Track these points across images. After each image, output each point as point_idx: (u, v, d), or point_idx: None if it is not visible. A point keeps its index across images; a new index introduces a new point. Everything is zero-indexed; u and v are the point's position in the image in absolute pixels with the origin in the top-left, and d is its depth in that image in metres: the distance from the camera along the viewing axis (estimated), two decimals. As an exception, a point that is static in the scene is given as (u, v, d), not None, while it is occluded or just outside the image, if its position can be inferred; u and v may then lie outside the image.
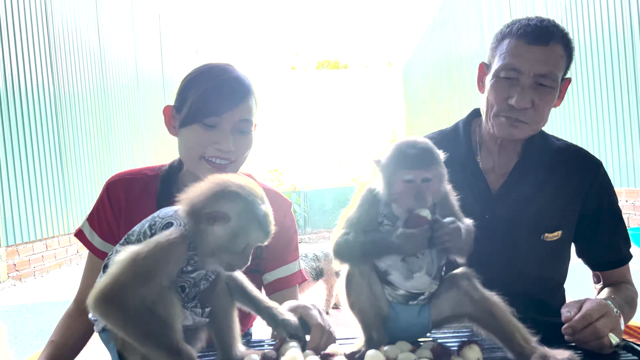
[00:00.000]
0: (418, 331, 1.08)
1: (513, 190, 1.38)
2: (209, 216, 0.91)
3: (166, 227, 0.93)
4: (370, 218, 1.03)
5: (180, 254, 0.91)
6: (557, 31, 1.29)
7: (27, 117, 6.50)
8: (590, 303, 1.10)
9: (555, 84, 1.29)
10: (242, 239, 0.93)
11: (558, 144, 1.45)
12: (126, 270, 0.87)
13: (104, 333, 0.98)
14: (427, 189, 0.98)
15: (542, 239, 1.37)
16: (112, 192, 1.37)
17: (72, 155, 7.59)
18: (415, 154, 0.98)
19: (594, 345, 1.06)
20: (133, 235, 0.97)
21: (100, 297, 0.86)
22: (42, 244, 6.72)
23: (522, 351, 0.97)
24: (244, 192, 0.94)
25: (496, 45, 1.34)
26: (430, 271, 1.02)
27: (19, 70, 6.38)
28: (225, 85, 1.26)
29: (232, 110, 1.24)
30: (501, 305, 1.02)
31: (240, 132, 1.28)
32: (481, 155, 1.44)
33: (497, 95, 1.30)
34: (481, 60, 1.44)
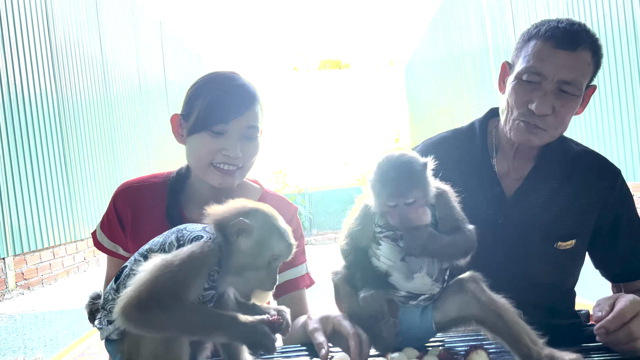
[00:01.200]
0: (422, 334, 1.07)
1: (528, 196, 1.34)
2: (235, 228, 0.94)
3: (195, 240, 0.94)
4: (366, 230, 1.06)
5: (211, 265, 0.93)
6: (587, 37, 1.23)
7: (31, 126, 6.53)
8: (624, 301, 1.04)
9: (578, 92, 1.24)
10: (266, 251, 0.95)
11: (576, 149, 1.39)
12: (160, 276, 0.87)
13: (109, 344, 0.98)
14: (412, 210, 1.00)
15: (555, 247, 1.32)
16: (119, 202, 1.41)
17: (76, 163, 7.62)
18: (396, 179, 1.00)
19: (627, 347, 1.00)
20: (156, 246, 0.98)
21: (136, 306, 0.85)
22: (49, 252, 6.75)
23: (530, 353, 0.96)
24: (263, 208, 1.00)
25: (521, 46, 1.29)
26: (431, 272, 1.03)
27: (22, 80, 6.42)
28: (232, 93, 1.28)
29: (239, 118, 1.27)
30: (508, 308, 1.01)
31: (248, 139, 1.30)
32: (497, 158, 1.39)
33: (518, 98, 1.26)
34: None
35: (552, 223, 1.32)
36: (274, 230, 0.97)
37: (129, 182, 1.45)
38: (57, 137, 7.14)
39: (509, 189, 1.36)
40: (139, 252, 0.99)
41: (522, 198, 1.34)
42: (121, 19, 9.89)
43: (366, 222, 1.06)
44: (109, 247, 1.44)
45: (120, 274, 0.99)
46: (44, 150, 6.80)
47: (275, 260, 0.97)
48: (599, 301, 1.09)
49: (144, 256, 0.96)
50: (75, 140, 7.66)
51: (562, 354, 0.94)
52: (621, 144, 5.90)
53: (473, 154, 1.40)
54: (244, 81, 1.33)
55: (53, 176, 6.97)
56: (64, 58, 7.54)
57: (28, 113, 6.50)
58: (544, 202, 1.33)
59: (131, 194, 1.41)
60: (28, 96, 6.52)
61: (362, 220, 1.07)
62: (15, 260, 6.03)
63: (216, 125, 1.25)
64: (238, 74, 1.35)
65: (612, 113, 6.00)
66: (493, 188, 1.35)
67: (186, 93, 1.34)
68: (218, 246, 0.94)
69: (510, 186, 1.36)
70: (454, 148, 1.43)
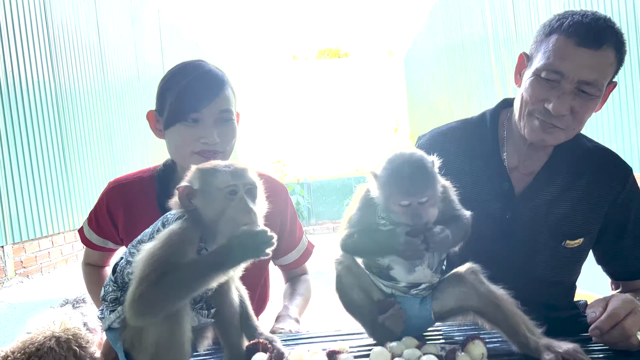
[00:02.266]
0: (421, 324, 1.09)
1: (538, 193, 1.31)
2: (183, 196, 0.96)
3: (178, 220, 0.96)
4: (369, 220, 1.05)
5: (194, 237, 0.94)
6: (612, 34, 1.16)
7: (29, 114, 6.50)
8: (616, 301, 1.04)
9: (599, 93, 1.18)
10: (214, 191, 0.95)
11: (589, 145, 1.35)
12: (148, 265, 0.88)
13: (111, 333, 0.99)
14: (424, 209, 0.99)
15: (563, 245, 1.30)
16: (110, 200, 1.43)
17: (75, 151, 7.60)
18: (411, 179, 0.98)
19: (622, 345, 1.01)
20: (145, 236, 0.99)
21: (135, 299, 0.87)
22: (48, 241, 6.75)
23: (528, 343, 0.97)
24: (203, 165, 0.99)
25: (542, 39, 1.21)
26: (432, 264, 1.04)
27: (20, 67, 6.38)
28: (199, 81, 1.29)
29: (211, 104, 1.28)
30: (506, 299, 1.02)
31: (223, 123, 1.31)
32: (507, 151, 1.35)
33: (534, 95, 1.21)
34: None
35: (561, 221, 1.30)
36: (210, 171, 0.96)
37: (118, 179, 1.47)
38: (56, 126, 7.11)
39: (518, 183, 1.33)
40: (132, 244, 1.00)
41: (532, 194, 1.31)
42: (119, 7, 9.81)
43: (369, 213, 1.05)
44: (97, 243, 1.49)
45: (116, 266, 1.00)
46: (42, 139, 6.78)
47: (231, 192, 0.95)
48: (592, 303, 1.09)
49: (137, 248, 0.97)
50: (74, 129, 7.63)
51: (559, 344, 0.95)
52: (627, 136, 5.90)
53: (483, 146, 1.36)
54: (211, 67, 1.34)
55: (51, 164, 6.95)
56: (62, 46, 7.48)
57: (26, 101, 6.47)
58: (554, 199, 1.30)
59: (121, 191, 1.43)
60: (26, 85, 6.48)
61: (364, 212, 1.06)
62: (14, 249, 6.03)
63: (189, 115, 1.27)
64: (204, 62, 1.36)
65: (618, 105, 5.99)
66: (502, 183, 1.32)
67: (157, 88, 1.35)
68: (196, 222, 0.95)
69: (520, 181, 1.33)
70: (463, 139, 1.40)
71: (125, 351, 0.96)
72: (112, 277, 0.99)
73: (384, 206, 1.02)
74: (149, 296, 0.86)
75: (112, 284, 0.99)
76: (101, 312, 1.02)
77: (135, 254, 0.95)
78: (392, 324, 1.03)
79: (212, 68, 1.34)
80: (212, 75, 1.31)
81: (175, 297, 0.88)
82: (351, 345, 1.07)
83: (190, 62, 1.35)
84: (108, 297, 0.99)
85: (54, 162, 7.06)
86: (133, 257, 0.95)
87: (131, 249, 0.99)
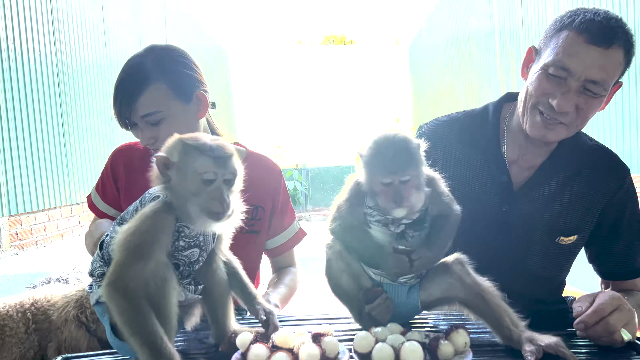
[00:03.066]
0: (407, 311, 1.09)
1: (536, 188, 1.31)
2: (160, 166, 0.94)
3: (153, 201, 0.95)
4: (357, 210, 1.05)
5: (167, 222, 0.92)
6: (622, 33, 1.16)
7: (30, 87, 6.47)
8: (603, 297, 1.04)
9: (604, 92, 1.18)
10: (190, 172, 0.92)
11: (590, 144, 1.35)
12: (122, 250, 0.88)
13: (99, 306, 1.00)
14: (406, 189, 0.99)
15: (557, 242, 1.31)
16: (114, 162, 1.46)
17: (75, 127, 7.58)
18: (393, 157, 0.98)
19: (606, 340, 1.01)
20: (127, 214, 0.99)
21: (107, 283, 0.87)
22: (44, 214, 6.76)
23: (511, 335, 0.98)
24: (184, 137, 0.95)
25: (552, 34, 1.20)
26: None
27: (22, 42, 6.33)
28: (122, 84, 1.28)
29: (132, 111, 1.27)
30: (492, 291, 1.03)
31: (153, 126, 1.28)
32: (507, 144, 1.35)
33: (539, 89, 1.20)
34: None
35: (556, 217, 1.30)
36: (191, 149, 0.93)
37: (126, 144, 1.50)
38: (56, 100, 7.08)
39: (517, 177, 1.33)
40: (116, 220, 1.01)
41: (530, 189, 1.31)
42: (124, -18, 9.71)
43: (356, 203, 1.05)
44: (102, 209, 1.49)
45: (103, 242, 1.00)
46: (43, 112, 6.75)
47: (210, 180, 0.92)
48: (580, 298, 1.10)
49: (119, 224, 0.97)
50: (74, 104, 7.60)
51: (541, 337, 0.95)
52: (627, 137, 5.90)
53: (483, 138, 1.36)
54: (139, 61, 1.30)
55: (51, 139, 6.94)
56: (65, 21, 7.42)
57: (27, 75, 6.43)
58: (552, 195, 1.31)
59: (126, 154, 1.45)
60: (27, 59, 6.44)
61: (352, 202, 1.06)
62: (10, 221, 6.05)
63: (121, 121, 1.29)
64: (141, 53, 1.32)
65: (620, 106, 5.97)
66: (500, 176, 1.32)
67: None
68: (172, 200, 0.93)
69: (518, 175, 1.33)
70: (464, 130, 1.40)
71: (112, 325, 0.97)
72: (100, 253, 1.00)
73: (368, 188, 1.03)
74: (121, 287, 0.86)
75: (99, 260, 0.99)
76: (90, 287, 1.03)
77: (117, 230, 0.95)
78: (379, 313, 1.04)
79: (139, 64, 1.29)
80: (132, 77, 1.28)
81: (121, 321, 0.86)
82: (337, 329, 1.08)
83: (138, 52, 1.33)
84: (95, 272, 0.99)
85: (54, 136, 7.04)
86: (115, 233, 0.95)
87: (115, 225, 0.99)
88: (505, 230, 1.31)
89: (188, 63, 1.34)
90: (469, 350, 0.94)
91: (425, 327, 1.14)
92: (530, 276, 1.33)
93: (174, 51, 1.35)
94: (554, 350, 0.92)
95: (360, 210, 1.05)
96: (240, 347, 0.95)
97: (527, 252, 1.32)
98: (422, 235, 1.04)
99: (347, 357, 0.92)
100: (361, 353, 0.92)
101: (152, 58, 1.30)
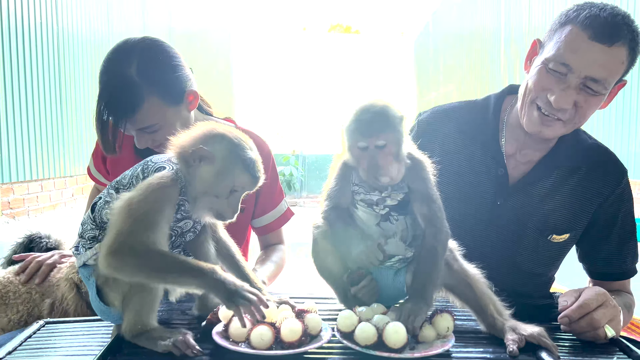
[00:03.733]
0: (393, 295, 1.09)
1: (533, 184, 1.30)
2: (196, 155, 0.93)
3: (158, 171, 0.94)
4: (345, 189, 1.04)
5: (173, 195, 0.92)
6: (628, 31, 1.13)
7: (29, 56, 6.40)
8: (589, 292, 1.05)
9: (604, 91, 1.16)
10: (227, 181, 0.93)
11: (589, 142, 1.34)
12: (125, 218, 0.87)
13: (85, 269, 0.99)
14: (382, 155, 0.97)
15: (549, 239, 1.31)
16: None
17: (72, 99, 7.52)
18: (368, 120, 0.96)
19: (589, 335, 1.02)
20: (125, 179, 0.97)
21: (109, 252, 0.86)
22: (38, 185, 6.73)
23: (494, 323, 0.98)
24: (230, 135, 0.95)
25: (556, 28, 1.19)
26: (405, 237, 1.04)
27: (23, 11, 6.26)
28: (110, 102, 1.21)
29: (128, 123, 1.23)
30: (479, 278, 1.03)
31: (147, 134, 1.27)
32: (506, 137, 1.34)
33: (538, 84, 1.19)
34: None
35: (550, 215, 1.29)
36: (238, 161, 0.94)
37: None
38: (55, 71, 7.02)
39: (514, 171, 1.32)
40: (111, 184, 0.99)
41: (526, 184, 1.30)
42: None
43: (344, 181, 1.05)
44: (94, 175, 1.54)
45: (95, 205, 0.99)
46: (41, 83, 6.70)
47: (237, 191, 0.95)
48: (566, 293, 1.09)
49: (115, 189, 0.97)
50: (73, 77, 7.54)
51: (525, 327, 0.96)
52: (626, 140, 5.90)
53: (483, 129, 1.35)
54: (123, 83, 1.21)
55: (47, 110, 6.88)
56: (68, -11, 7.33)
57: (26, 43, 6.37)
58: (547, 192, 1.30)
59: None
60: (27, 26, 6.36)
61: (341, 180, 1.05)
62: (2, 189, 6.02)
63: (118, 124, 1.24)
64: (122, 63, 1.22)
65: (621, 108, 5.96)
66: (497, 169, 1.31)
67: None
68: (180, 176, 0.93)
69: (515, 169, 1.32)
70: (464, 120, 1.39)
71: (98, 287, 0.96)
72: (91, 216, 0.98)
73: (351, 160, 1.01)
74: (123, 256, 0.86)
75: (90, 222, 0.98)
76: (76, 248, 1.02)
77: (114, 195, 0.94)
78: (364, 295, 1.03)
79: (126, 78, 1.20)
80: (123, 94, 1.21)
81: (145, 274, 0.88)
82: (321, 309, 1.08)
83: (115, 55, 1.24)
84: (86, 235, 0.98)
85: (51, 108, 7.00)
86: (111, 198, 0.95)
87: (109, 189, 0.98)
88: (498, 224, 1.31)
89: (172, 62, 1.27)
90: (452, 335, 0.94)
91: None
92: (518, 271, 1.33)
93: (156, 52, 1.26)
94: (537, 340, 0.92)
95: (347, 189, 1.04)
96: (223, 320, 0.95)
97: (518, 247, 1.31)
98: (408, 221, 1.03)
99: (329, 334, 0.92)
100: (344, 332, 0.92)
101: (137, 68, 1.21)
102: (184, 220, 0.97)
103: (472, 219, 1.31)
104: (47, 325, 1.09)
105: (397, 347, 0.86)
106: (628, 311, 1.29)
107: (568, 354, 0.98)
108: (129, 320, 0.92)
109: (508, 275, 1.29)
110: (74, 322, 1.11)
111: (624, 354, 0.98)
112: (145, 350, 0.90)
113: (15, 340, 0.99)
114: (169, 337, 0.89)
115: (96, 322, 1.09)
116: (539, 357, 0.89)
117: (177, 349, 0.87)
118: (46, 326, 1.08)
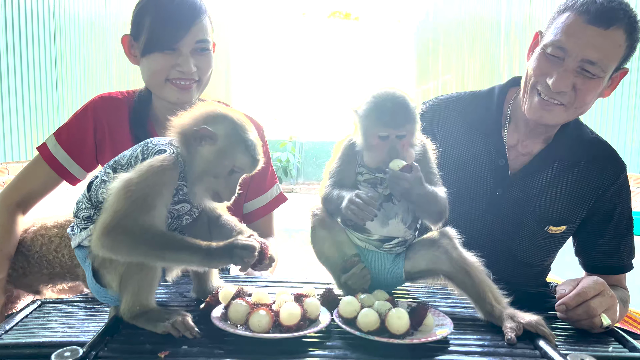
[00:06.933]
0: (391, 280, 1.09)
1: (532, 175, 1.31)
2: (197, 135, 0.92)
3: (159, 154, 0.93)
4: (349, 169, 1.07)
5: (172, 179, 0.92)
6: (624, 15, 1.15)
7: (24, 36, 6.33)
8: (587, 281, 1.06)
9: (602, 74, 1.17)
10: (227, 161, 0.93)
11: (590, 136, 1.35)
12: (122, 198, 0.86)
13: (80, 250, 0.98)
14: (401, 144, 1.01)
15: (546, 230, 1.32)
16: (98, 111, 1.40)
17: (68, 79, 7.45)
18: (391, 110, 1.00)
19: (586, 324, 1.03)
20: (123, 159, 0.96)
21: (104, 232, 0.85)
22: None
23: (492, 311, 0.98)
24: (233, 116, 0.95)
25: (555, 17, 1.23)
26: (406, 219, 1.05)
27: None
28: (177, 10, 1.27)
29: (187, 34, 1.27)
30: (477, 266, 1.03)
31: (199, 52, 1.31)
32: (508, 128, 1.35)
33: (537, 69, 1.22)
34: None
35: (548, 207, 1.31)
36: (240, 142, 0.94)
37: (106, 93, 1.46)
38: (50, 51, 6.95)
39: (514, 162, 1.33)
40: (109, 164, 0.98)
41: (526, 175, 1.31)
42: None
43: (349, 161, 1.06)
44: (61, 161, 1.40)
45: (91, 184, 0.98)
46: (36, 64, 6.63)
47: (236, 172, 0.95)
48: (564, 282, 1.10)
49: (113, 169, 0.96)
50: (69, 58, 7.46)
51: (523, 315, 0.96)
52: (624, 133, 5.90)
53: (486, 120, 1.36)
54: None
55: (43, 90, 6.82)
56: (65, -32, 7.23)
57: (22, 23, 6.29)
58: (546, 183, 1.31)
59: (109, 104, 1.41)
60: (24, 4, 6.28)
61: (345, 159, 1.06)
62: (-3, 169, 5.98)
63: (166, 44, 1.26)
64: None
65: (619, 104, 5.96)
66: (498, 159, 1.32)
67: (132, 12, 1.32)
68: (180, 159, 0.93)
69: (516, 160, 1.33)
70: (467, 110, 1.40)
71: (94, 269, 0.96)
72: (87, 195, 0.97)
73: (363, 143, 1.03)
74: (117, 235, 0.85)
75: (85, 201, 0.97)
76: (71, 229, 1.01)
77: (111, 175, 0.94)
78: (354, 282, 1.04)
79: None
80: (188, 4, 1.29)
81: (142, 253, 0.88)
82: (319, 293, 1.08)
83: None
84: (80, 215, 0.97)
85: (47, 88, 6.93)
86: (108, 177, 0.94)
87: (107, 168, 0.97)
88: (496, 214, 1.32)
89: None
90: (450, 322, 0.94)
91: (408, 298, 1.14)
92: (515, 260, 1.34)
93: None
94: (534, 329, 0.93)
95: (351, 169, 1.06)
96: (223, 301, 0.95)
97: (515, 238, 1.33)
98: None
99: (328, 319, 0.92)
100: (346, 318, 0.92)
101: None
102: (181, 204, 0.97)
103: (471, 208, 1.32)
104: (43, 305, 1.08)
105: (399, 333, 0.86)
106: (624, 305, 1.31)
107: (564, 343, 0.99)
108: (127, 301, 0.92)
109: (504, 264, 1.30)
110: (71, 302, 1.11)
111: (620, 344, 0.99)
112: (143, 331, 0.89)
113: (11, 320, 0.99)
114: (167, 318, 0.89)
115: (93, 302, 1.09)
116: (536, 345, 0.89)
117: (176, 331, 0.87)
118: (42, 306, 1.08)
